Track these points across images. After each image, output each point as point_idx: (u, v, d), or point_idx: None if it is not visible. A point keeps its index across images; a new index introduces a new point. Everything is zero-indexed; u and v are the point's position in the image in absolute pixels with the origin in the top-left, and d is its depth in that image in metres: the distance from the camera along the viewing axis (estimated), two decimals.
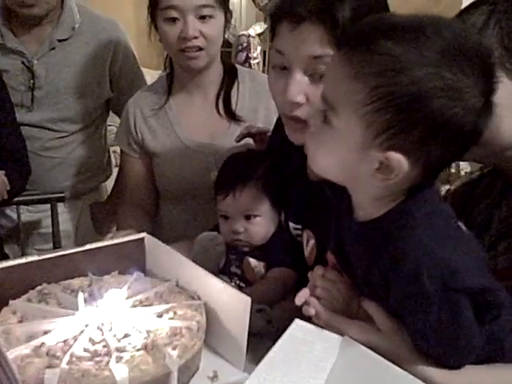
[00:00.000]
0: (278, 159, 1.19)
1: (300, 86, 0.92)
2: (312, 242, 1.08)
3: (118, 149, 1.76)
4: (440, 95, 0.66)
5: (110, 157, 1.87)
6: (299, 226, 1.13)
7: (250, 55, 3.83)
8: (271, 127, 1.27)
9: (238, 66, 1.55)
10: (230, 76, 1.47)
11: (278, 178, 1.17)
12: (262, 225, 1.15)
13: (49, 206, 1.62)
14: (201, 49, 1.34)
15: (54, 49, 1.59)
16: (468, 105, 0.68)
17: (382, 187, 0.73)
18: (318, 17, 0.88)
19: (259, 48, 3.98)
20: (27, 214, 1.68)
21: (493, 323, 0.75)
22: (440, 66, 0.66)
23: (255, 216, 1.14)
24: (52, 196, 1.64)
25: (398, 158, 0.69)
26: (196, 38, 1.32)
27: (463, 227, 0.80)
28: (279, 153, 1.19)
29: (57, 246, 1.61)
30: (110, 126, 2.07)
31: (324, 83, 0.76)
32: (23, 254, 1.52)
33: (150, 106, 1.47)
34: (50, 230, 1.63)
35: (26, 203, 1.65)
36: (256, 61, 3.86)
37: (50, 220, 1.64)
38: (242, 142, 1.33)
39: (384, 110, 0.68)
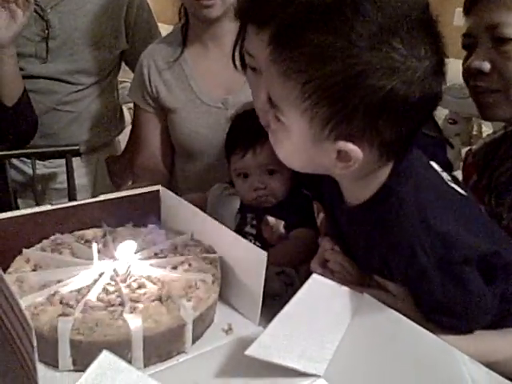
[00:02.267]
0: None
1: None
2: (322, 214, 1.06)
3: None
4: (371, 75, 0.63)
5: (122, 111, 1.84)
6: (309, 194, 1.11)
7: None
8: None
9: None
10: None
11: None
12: (283, 180, 1.12)
13: (63, 160, 1.61)
14: None
15: None
16: (406, 75, 0.64)
17: (353, 172, 0.71)
18: None
19: None
20: (42, 169, 1.66)
21: (504, 282, 0.74)
22: (365, 46, 0.62)
23: (277, 170, 1.11)
24: (67, 149, 1.61)
25: (349, 147, 0.67)
26: None
27: (458, 189, 0.77)
28: None
29: (72, 200, 1.60)
30: (125, 82, 2.03)
31: (263, 82, 0.73)
32: None
33: (165, 59, 1.43)
34: (63, 185, 1.62)
35: (41, 157, 1.63)
36: None
37: (65, 175, 1.63)
38: None
39: (320, 103, 0.65)
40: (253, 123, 1.14)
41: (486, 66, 0.86)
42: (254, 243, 1.12)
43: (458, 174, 1.01)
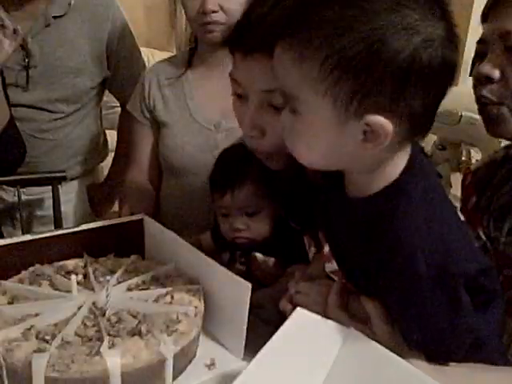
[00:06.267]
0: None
1: (255, 119, 0.87)
2: (312, 249, 1.04)
3: None
4: (392, 37, 0.61)
5: (106, 137, 1.83)
6: (299, 228, 1.09)
7: None
8: None
9: None
10: None
11: (275, 174, 1.12)
12: (263, 220, 1.10)
13: (44, 188, 1.58)
14: (221, 23, 1.30)
15: (48, 26, 1.52)
16: (427, 36, 0.62)
17: (375, 157, 0.69)
18: (266, 49, 0.79)
19: None
20: (22, 196, 1.63)
21: (497, 309, 0.73)
22: (380, 10, 0.61)
23: (256, 212, 1.09)
24: (53, 176, 1.59)
25: (378, 120, 0.64)
26: (215, 12, 1.28)
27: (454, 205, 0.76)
28: None
29: (58, 227, 1.57)
30: (116, 106, 2.02)
31: (276, 78, 0.71)
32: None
33: (168, 75, 1.44)
34: (49, 212, 1.59)
35: (26, 184, 1.61)
36: None
37: (48, 202, 1.60)
38: None
39: (343, 78, 0.63)
40: (233, 163, 1.13)
41: (495, 72, 0.84)
42: None
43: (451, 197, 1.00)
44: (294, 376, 0.70)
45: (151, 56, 3.15)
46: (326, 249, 0.83)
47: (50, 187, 1.57)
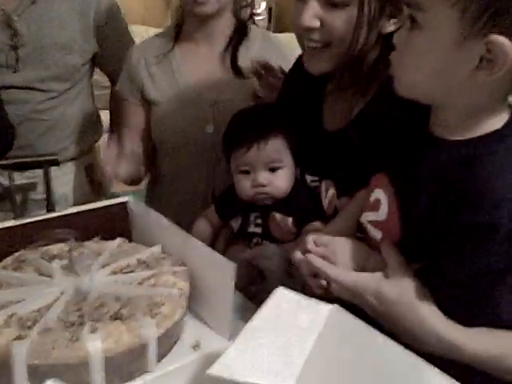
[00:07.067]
0: (291, 110, 1.14)
1: (313, 12, 0.92)
2: (332, 191, 1.04)
3: None
4: None
5: (99, 116, 1.81)
6: (316, 178, 1.09)
7: (254, 11, 3.70)
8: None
9: (253, 26, 1.49)
10: (239, 32, 1.41)
11: (294, 129, 1.12)
12: (285, 176, 1.10)
13: (41, 171, 1.57)
14: None
15: (34, 3, 1.49)
16: None
17: (479, 96, 0.68)
18: None
19: (264, 4, 3.85)
20: (18, 179, 1.63)
21: None
22: None
23: (279, 167, 1.09)
24: (45, 159, 1.58)
25: (502, 41, 0.62)
26: None
27: None
28: (292, 105, 1.15)
29: (50, 211, 1.57)
30: (108, 87, 2.00)
31: None
32: None
33: (155, 53, 1.43)
34: (43, 195, 1.60)
35: (18, 168, 1.60)
36: (261, 17, 3.74)
37: (43, 185, 1.60)
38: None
39: None
40: (257, 119, 1.13)
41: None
42: (262, 242, 1.10)
43: None
44: (277, 354, 0.70)
45: (146, 33, 3.12)
46: (373, 197, 0.83)
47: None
